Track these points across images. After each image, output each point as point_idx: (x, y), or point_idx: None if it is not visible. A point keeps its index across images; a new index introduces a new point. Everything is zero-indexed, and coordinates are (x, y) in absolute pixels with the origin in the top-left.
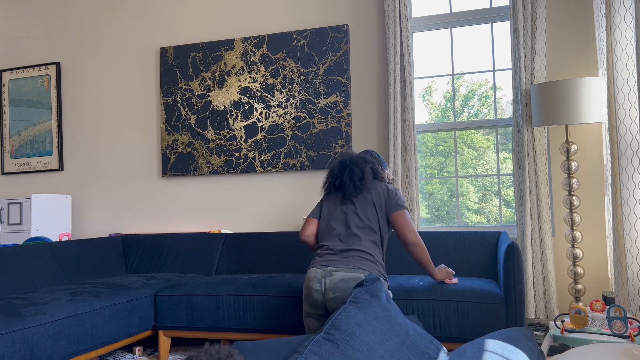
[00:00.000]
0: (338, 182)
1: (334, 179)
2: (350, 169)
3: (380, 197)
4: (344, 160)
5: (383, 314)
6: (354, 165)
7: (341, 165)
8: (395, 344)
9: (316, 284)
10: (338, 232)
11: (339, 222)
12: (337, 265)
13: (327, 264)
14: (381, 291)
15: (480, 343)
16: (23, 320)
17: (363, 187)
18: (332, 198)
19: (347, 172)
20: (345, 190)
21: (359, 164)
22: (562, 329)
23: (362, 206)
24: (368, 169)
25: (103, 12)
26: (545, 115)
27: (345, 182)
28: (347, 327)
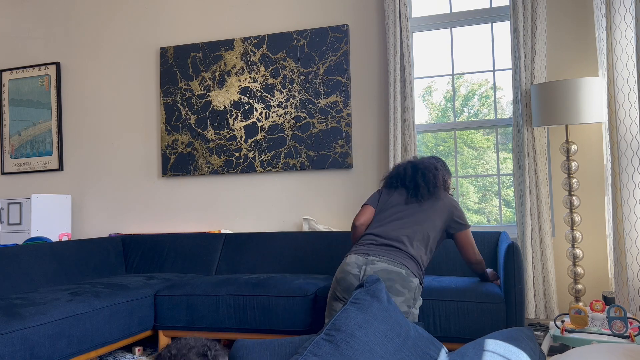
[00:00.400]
0: (409, 182)
1: (403, 177)
2: (422, 172)
3: (446, 210)
4: (417, 164)
5: (383, 314)
6: (427, 170)
7: (413, 167)
8: (395, 345)
9: (355, 269)
10: (391, 226)
11: (396, 217)
12: (380, 256)
13: (369, 252)
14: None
15: (481, 343)
16: (23, 320)
17: (436, 194)
18: (395, 192)
19: (419, 174)
20: (419, 191)
21: (431, 170)
22: (562, 329)
23: (427, 212)
24: (440, 177)
25: (103, 12)
26: (545, 115)
27: (419, 184)
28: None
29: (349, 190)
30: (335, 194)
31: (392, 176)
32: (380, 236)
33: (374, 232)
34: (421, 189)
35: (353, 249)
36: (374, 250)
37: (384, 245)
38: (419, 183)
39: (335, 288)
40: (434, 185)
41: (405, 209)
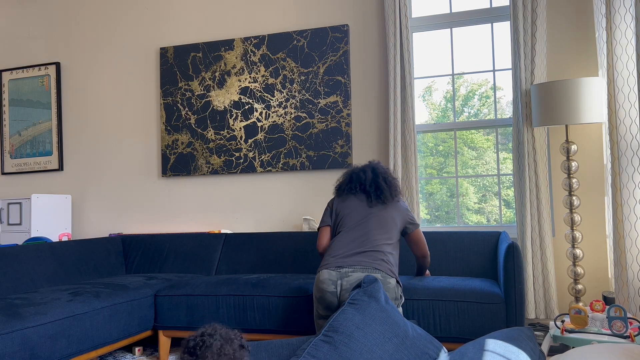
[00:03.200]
0: (370, 185)
1: (365, 181)
2: (384, 177)
3: (402, 212)
4: (375, 167)
5: (381, 315)
6: (387, 175)
7: (373, 170)
8: (394, 345)
9: (331, 286)
10: (358, 233)
11: (360, 224)
12: (353, 266)
13: (341, 264)
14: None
15: (481, 343)
16: (23, 320)
17: (395, 196)
18: (353, 197)
19: (381, 178)
20: (382, 194)
21: (390, 175)
22: (562, 329)
23: (391, 214)
24: (398, 184)
25: (103, 12)
26: (545, 115)
27: (382, 187)
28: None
29: None
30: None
31: (351, 181)
32: (348, 244)
33: (342, 241)
34: (384, 192)
35: (324, 263)
36: (344, 260)
37: (354, 253)
38: (382, 186)
39: (318, 307)
40: (395, 189)
41: (369, 212)
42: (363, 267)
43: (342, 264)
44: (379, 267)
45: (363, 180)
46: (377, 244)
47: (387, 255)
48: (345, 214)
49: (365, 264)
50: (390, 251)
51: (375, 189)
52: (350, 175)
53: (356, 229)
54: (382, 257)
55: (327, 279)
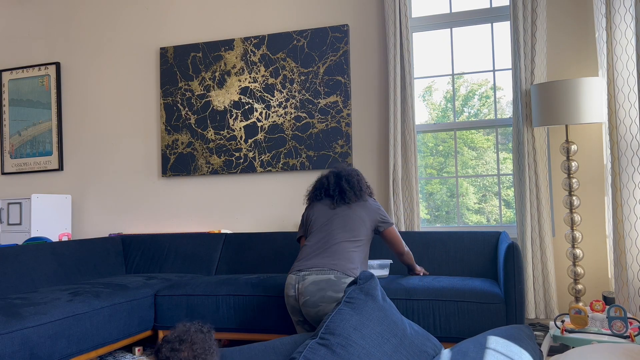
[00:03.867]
0: (333, 190)
1: (326, 187)
2: (346, 179)
3: (371, 211)
4: (339, 172)
5: (379, 314)
6: (350, 177)
7: (336, 175)
8: (392, 346)
9: (291, 290)
10: (320, 236)
11: (323, 226)
12: (310, 268)
13: (301, 268)
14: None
15: (482, 341)
16: (23, 320)
17: (361, 197)
18: (319, 204)
19: (343, 180)
20: (345, 195)
21: (354, 176)
22: (562, 329)
23: (356, 211)
24: (364, 182)
25: (103, 12)
26: (545, 115)
27: (344, 189)
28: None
29: None
30: None
31: (316, 189)
32: (312, 248)
33: (306, 245)
34: (347, 193)
35: (291, 268)
36: (305, 264)
37: (313, 256)
38: (345, 188)
39: (289, 312)
40: (359, 189)
41: (333, 213)
42: (318, 268)
43: (301, 267)
44: (335, 267)
45: (326, 185)
46: (336, 242)
47: (347, 254)
48: (311, 219)
49: (320, 266)
50: (353, 249)
51: (339, 192)
52: (315, 184)
53: (319, 232)
54: (339, 257)
55: (288, 283)
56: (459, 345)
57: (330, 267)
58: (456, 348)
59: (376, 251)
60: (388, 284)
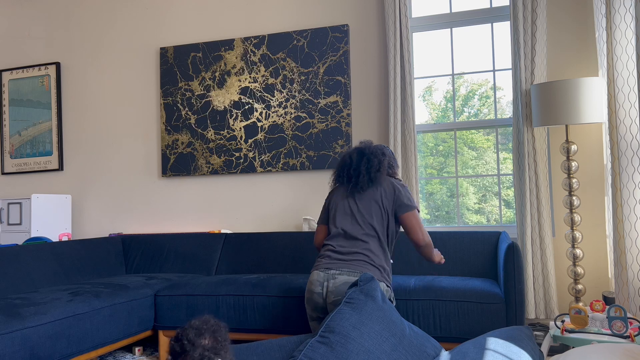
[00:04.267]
0: (354, 170)
1: (349, 167)
2: (368, 158)
3: (388, 194)
4: (363, 149)
5: (378, 314)
6: (372, 156)
7: (359, 153)
8: (391, 345)
9: (318, 287)
10: (344, 231)
11: (345, 220)
12: (341, 268)
13: (330, 266)
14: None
15: (482, 342)
16: (23, 320)
17: (376, 180)
18: (340, 191)
19: (364, 161)
20: (359, 180)
21: (377, 155)
22: (562, 329)
23: (369, 202)
24: (385, 163)
25: (103, 12)
26: (545, 115)
27: (361, 172)
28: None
29: None
30: None
31: (341, 168)
32: (338, 245)
33: (331, 243)
34: (361, 177)
35: (316, 263)
36: (333, 263)
37: (345, 253)
38: (361, 171)
39: (307, 308)
40: (377, 170)
41: (350, 204)
42: (350, 270)
43: (330, 266)
44: (366, 270)
45: (348, 165)
46: (363, 244)
47: (375, 257)
48: (333, 209)
49: (352, 267)
50: (377, 251)
51: (357, 175)
52: (340, 162)
53: (340, 227)
54: (369, 261)
55: (315, 279)
56: (459, 347)
57: (361, 270)
58: (456, 349)
59: None
60: None
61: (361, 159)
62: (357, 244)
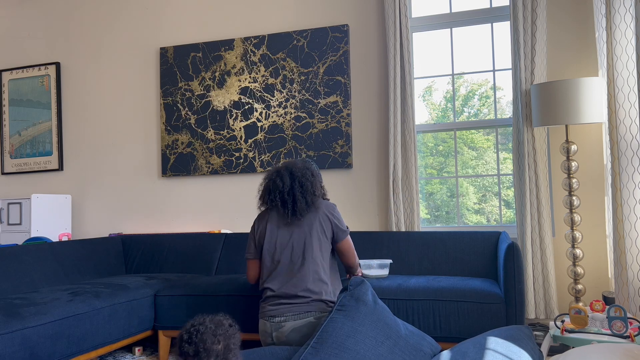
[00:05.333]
0: (288, 195)
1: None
2: (300, 181)
3: (325, 220)
4: (292, 170)
5: (371, 318)
6: (304, 178)
7: (290, 175)
8: (387, 348)
9: (268, 339)
10: (284, 269)
11: (285, 254)
12: (285, 314)
13: (274, 313)
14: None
15: (482, 341)
16: (23, 320)
17: (313, 205)
18: (271, 219)
19: (297, 184)
20: (296, 206)
21: (308, 177)
22: (562, 329)
23: (309, 230)
24: (318, 184)
25: (103, 12)
26: (545, 115)
27: (296, 196)
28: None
29: (349, 190)
30: (335, 194)
31: (271, 192)
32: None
33: (270, 286)
34: (299, 204)
35: (260, 309)
36: (277, 308)
37: (288, 296)
38: (297, 196)
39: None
40: (312, 194)
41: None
42: (294, 313)
43: (274, 312)
44: (310, 308)
45: (281, 188)
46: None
47: (316, 283)
48: (268, 241)
49: (295, 310)
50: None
51: (292, 201)
52: (268, 184)
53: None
54: (311, 291)
55: (263, 330)
56: (459, 345)
57: (305, 310)
58: (456, 348)
59: (376, 251)
60: (388, 284)
61: (293, 181)
62: (300, 278)
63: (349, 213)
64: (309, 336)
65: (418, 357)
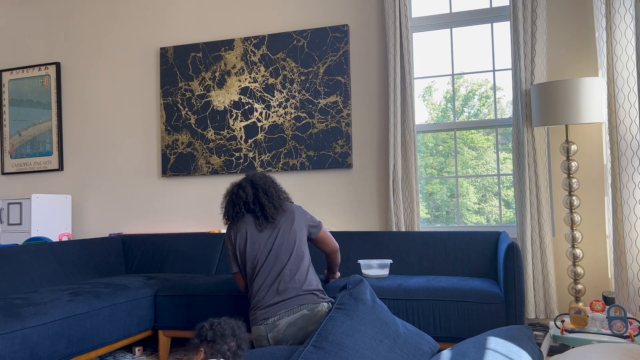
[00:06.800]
0: (253, 203)
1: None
2: (263, 189)
3: (299, 218)
4: (252, 180)
5: (370, 317)
6: (267, 186)
7: (252, 185)
8: (386, 346)
9: (264, 342)
10: (268, 272)
11: (269, 257)
12: (277, 312)
13: (266, 315)
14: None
15: (482, 341)
16: (23, 320)
17: (281, 208)
18: (244, 228)
19: (261, 192)
20: (265, 212)
21: (270, 185)
22: (562, 329)
23: (286, 232)
24: (281, 191)
25: (103, 12)
26: (545, 115)
27: (263, 203)
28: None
29: (349, 190)
30: (335, 194)
31: (235, 204)
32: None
33: (258, 292)
34: (267, 208)
35: (252, 315)
36: (268, 310)
37: (271, 298)
38: (264, 203)
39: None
40: (278, 198)
41: (266, 241)
42: (287, 309)
43: (266, 315)
44: (302, 301)
45: (245, 199)
46: (291, 275)
47: (302, 279)
48: (248, 253)
49: (287, 306)
50: (303, 270)
51: (260, 208)
52: (231, 197)
53: (268, 271)
54: (299, 287)
55: (258, 335)
56: (459, 345)
57: (298, 303)
58: (456, 348)
59: (376, 251)
60: (388, 284)
61: (256, 190)
62: (285, 277)
63: (349, 213)
64: (305, 328)
65: (417, 356)
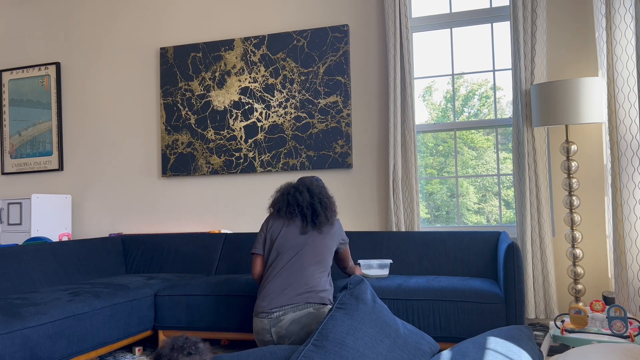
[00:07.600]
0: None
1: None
2: (319, 199)
3: (338, 234)
4: (309, 187)
5: (371, 316)
6: (322, 197)
7: (309, 192)
8: (386, 346)
9: (267, 336)
10: (287, 263)
11: (291, 253)
12: (283, 307)
13: (271, 309)
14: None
15: (482, 341)
16: (23, 320)
17: (330, 218)
18: (289, 225)
19: (316, 200)
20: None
21: (325, 196)
22: (562, 329)
23: (325, 240)
24: (333, 202)
25: (103, 12)
26: (545, 115)
27: (318, 211)
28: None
29: (349, 190)
30: (335, 194)
31: (290, 204)
32: (278, 281)
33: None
34: (320, 217)
35: (256, 308)
36: (273, 302)
37: (285, 288)
38: (318, 210)
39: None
40: (331, 211)
41: (304, 242)
42: (293, 304)
43: (271, 308)
44: (309, 299)
45: (300, 202)
46: (307, 275)
47: (316, 281)
48: (279, 243)
49: (295, 302)
50: (320, 275)
51: (312, 213)
52: (286, 196)
53: (289, 265)
54: (311, 287)
55: (261, 328)
56: (459, 345)
57: (305, 301)
58: (456, 348)
59: (376, 251)
60: (388, 284)
61: (312, 197)
62: (300, 274)
63: (349, 213)
64: (309, 326)
65: (417, 355)
